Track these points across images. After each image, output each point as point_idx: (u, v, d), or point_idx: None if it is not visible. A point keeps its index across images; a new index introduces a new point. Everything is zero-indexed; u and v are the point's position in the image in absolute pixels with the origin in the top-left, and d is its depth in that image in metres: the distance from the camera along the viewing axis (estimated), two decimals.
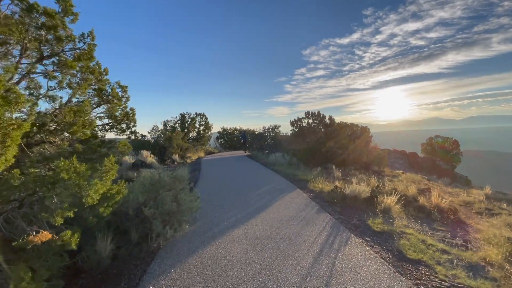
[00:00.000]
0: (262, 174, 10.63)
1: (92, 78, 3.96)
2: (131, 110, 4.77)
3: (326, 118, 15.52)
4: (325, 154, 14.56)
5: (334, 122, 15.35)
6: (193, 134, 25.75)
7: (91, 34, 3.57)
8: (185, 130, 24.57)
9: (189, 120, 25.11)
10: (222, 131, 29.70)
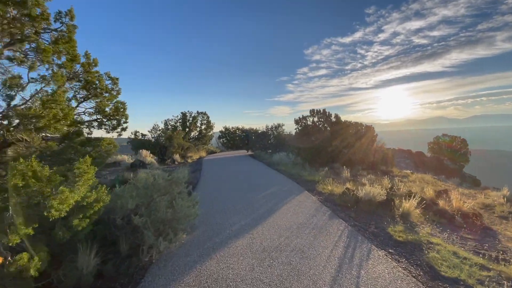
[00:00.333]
0: (266, 174, 10.08)
1: (72, 66, 3.43)
2: (121, 104, 4.24)
3: (332, 116, 14.93)
4: (331, 154, 13.99)
5: (340, 120, 14.77)
6: (194, 133, 25.25)
7: (70, 13, 3.04)
8: (186, 129, 24.08)
9: (190, 119, 24.61)
10: (224, 130, 29.16)
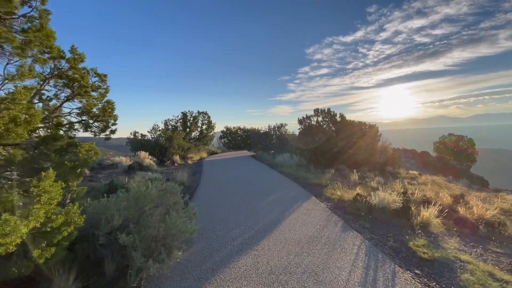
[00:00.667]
0: (270, 177, 9.58)
1: (45, 60, 2.96)
2: (109, 103, 3.76)
3: (337, 115, 14.41)
4: (336, 155, 13.48)
5: (346, 119, 14.26)
6: (195, 133, 24.78)
7: None
8: (187, 130, 23.62)
9: (191, 119, 24.14)
10: (225, 130, 28.68)
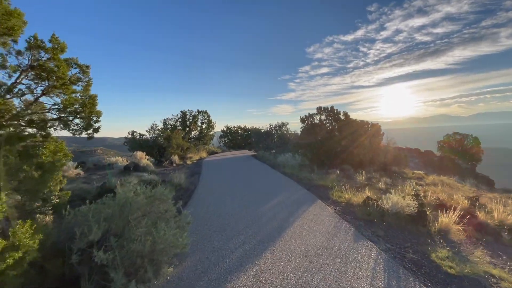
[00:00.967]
0: (272, 178, 9.12)
1: (7, 43, 2.50)
2: (91, 97, 3.31)
3: (341, 113, 13.93)
4: (340, 154, 13.02)
5: (350, 118, 13.79)
6: (195, 133, 24.34)
7: None
8: (186, 129, 23.18)
9: (190, 118, 23.69)
10: (225, 130, 28.23)
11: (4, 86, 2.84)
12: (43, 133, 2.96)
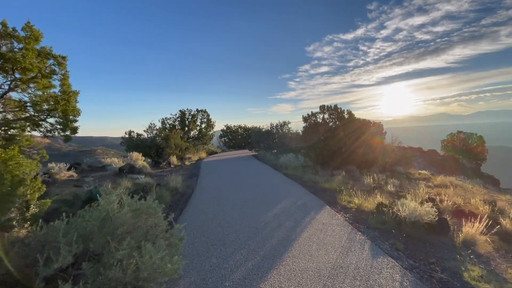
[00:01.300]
0: (274, 181, 8.63)
1: None
2: (65, 93, 2.81)
3: (345, 112, 13.45)
4: (344, 154, 12.53)
5: (354, 116, 13.31)
6: (194, 132, 23.83)
7: None
8: (185, 128, 22.68)
9: (189, 117, 23.18)
10: (225, 129, 27.73)
11: None
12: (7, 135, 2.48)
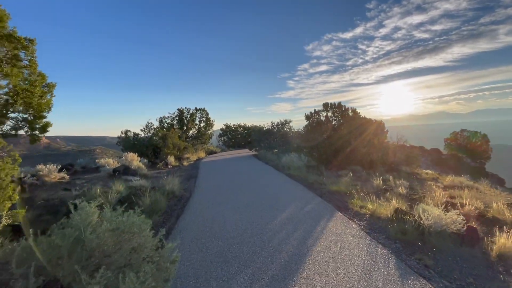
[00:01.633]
0: (278, 183, 8.11)
1: None
2: (32, 83, 2.28)
3: (349, 110, 12.92)
4: (349, 154, 12.03)
5: (359, 115, 12.80)
6: (192, 131, 23.27)
7: None
8: (183, 128, 22.12)
9: (188, 116, 22.61)
10: (225, 128, 27.19)
11: None
12: None
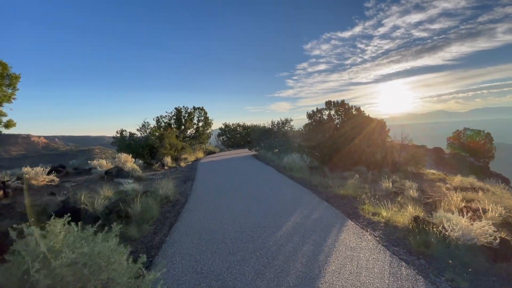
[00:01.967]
0: (280, 186, 7.59)
1: None
2: None
3: (353, 108, 12.44)
4: (353, 154, 11.54)
5: (363, 113, 12.32)
6: (190, 131, 22.74)
7: None
8: (181, 127, 21.58)
9: (186, 115, 22.07)
10: (224, 128, 26.68)
11: None
12: None
